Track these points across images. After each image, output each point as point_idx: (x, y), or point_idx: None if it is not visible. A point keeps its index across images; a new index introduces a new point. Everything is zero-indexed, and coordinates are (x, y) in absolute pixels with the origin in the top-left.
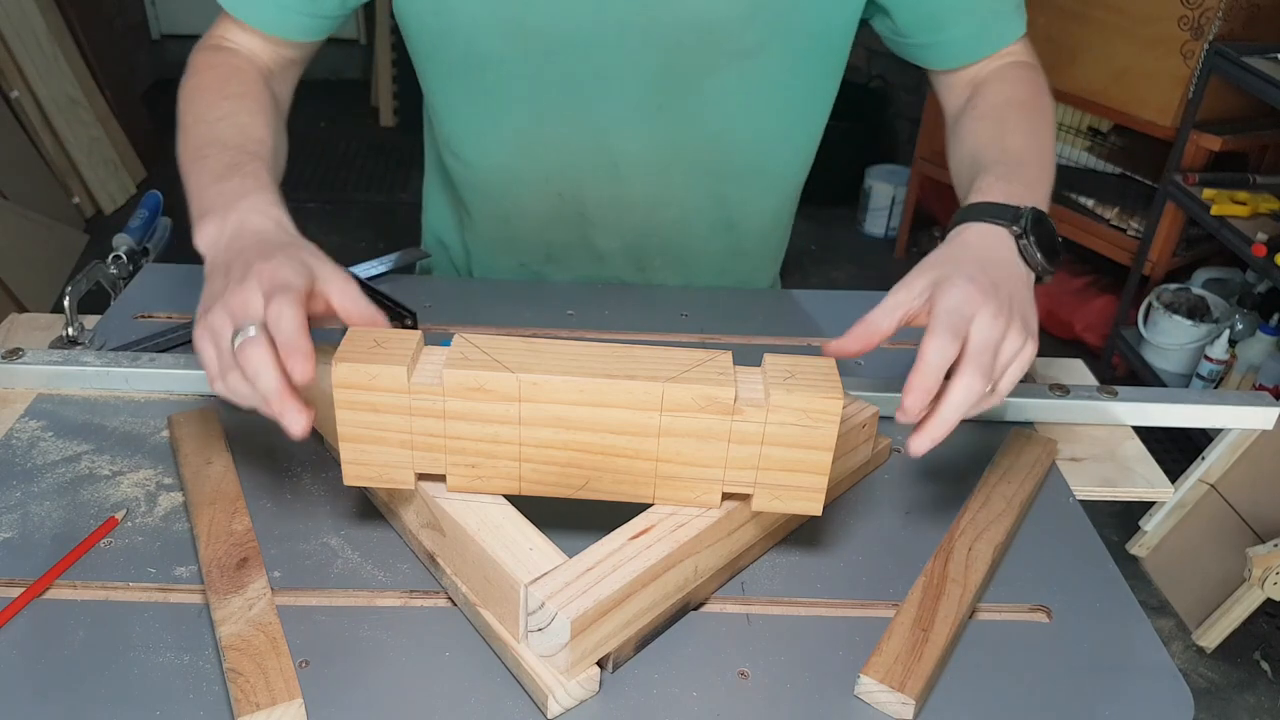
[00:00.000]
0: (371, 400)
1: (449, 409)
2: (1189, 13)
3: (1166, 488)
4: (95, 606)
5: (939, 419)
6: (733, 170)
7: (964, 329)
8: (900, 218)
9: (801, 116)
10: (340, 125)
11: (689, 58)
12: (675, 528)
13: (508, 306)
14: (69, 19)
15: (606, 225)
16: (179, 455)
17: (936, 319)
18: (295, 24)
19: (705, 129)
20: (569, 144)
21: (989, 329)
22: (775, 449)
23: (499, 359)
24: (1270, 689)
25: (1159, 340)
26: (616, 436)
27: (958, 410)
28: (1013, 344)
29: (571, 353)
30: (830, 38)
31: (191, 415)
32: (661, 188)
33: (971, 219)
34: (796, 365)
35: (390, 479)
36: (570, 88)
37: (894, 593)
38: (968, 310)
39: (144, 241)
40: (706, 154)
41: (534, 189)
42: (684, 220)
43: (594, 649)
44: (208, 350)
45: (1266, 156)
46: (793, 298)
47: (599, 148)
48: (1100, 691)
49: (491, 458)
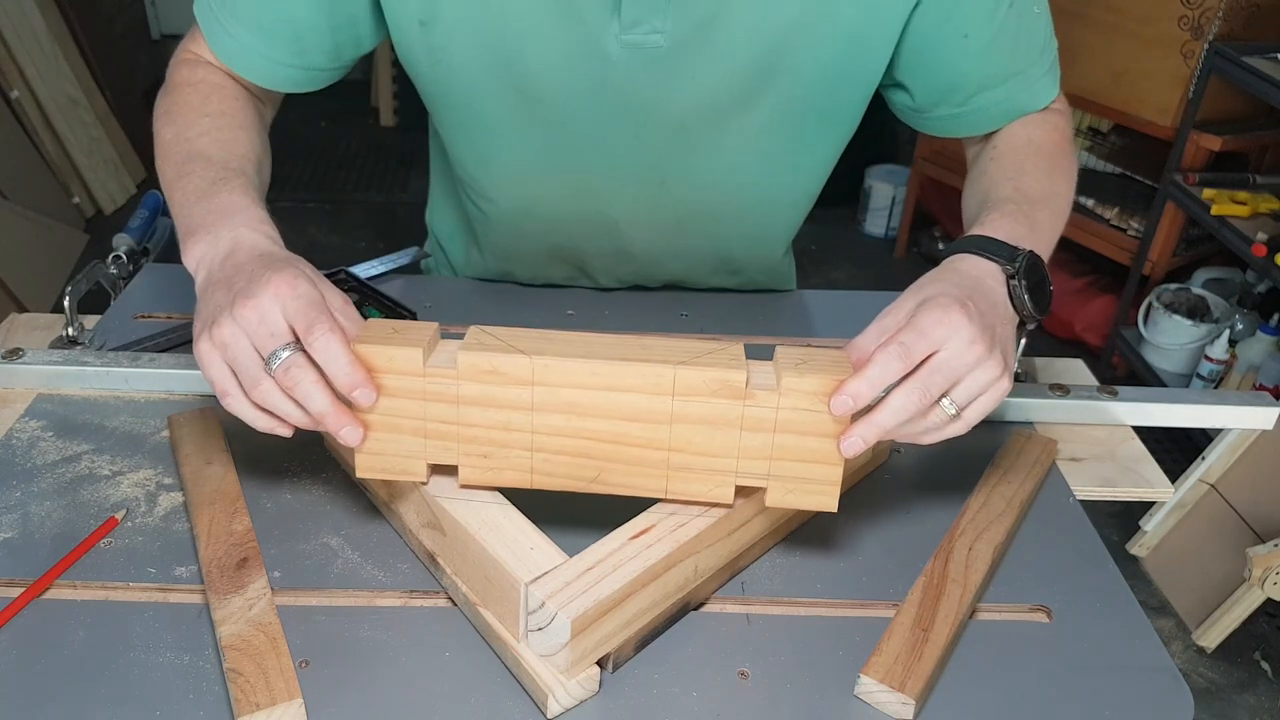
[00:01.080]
0: (388, 384)
1: (463, 394)
2: (1189, 13)
3: (1166, 488)
4: (95, 606)
5: (869, 422)
6: (736, 229)
7: (921, 353)
8: (900, 218)
9: (808, 174)
10: (340, 125)
11: (693, 136)
12: (676, 527)
13: (508, 306)
14: (69, 19)
15: (607, 269)
16: (179, 455)
17: (902, 333)
18: (284, 76)
19: (708, 195)
20: (569, 202)
21: (959, 354)
22: (788, 436)
23: (513, 344)
24: (1270, 689)
25: (1159, 340)
26: (629, 424)
27: (891, 417)
28: (987, 374)
29: (584, 340)
30: (841, 113)
31: (191, 415)
32: (663, 245)
33: (967, 249)
34: (809, 354)
35: (403, 470)
36: (570, 154)
37: (894, 593)
38: (939, 333)
39: (144, 241)
40: (709, 216)
41: (534, 237)
42: (686, 268)
43: (594, 649)
44: (217, 366)
45: (1266, 156)
46: (793, 298)
47: (599, 210)
48: (1100, 691)
49: (504, 447)
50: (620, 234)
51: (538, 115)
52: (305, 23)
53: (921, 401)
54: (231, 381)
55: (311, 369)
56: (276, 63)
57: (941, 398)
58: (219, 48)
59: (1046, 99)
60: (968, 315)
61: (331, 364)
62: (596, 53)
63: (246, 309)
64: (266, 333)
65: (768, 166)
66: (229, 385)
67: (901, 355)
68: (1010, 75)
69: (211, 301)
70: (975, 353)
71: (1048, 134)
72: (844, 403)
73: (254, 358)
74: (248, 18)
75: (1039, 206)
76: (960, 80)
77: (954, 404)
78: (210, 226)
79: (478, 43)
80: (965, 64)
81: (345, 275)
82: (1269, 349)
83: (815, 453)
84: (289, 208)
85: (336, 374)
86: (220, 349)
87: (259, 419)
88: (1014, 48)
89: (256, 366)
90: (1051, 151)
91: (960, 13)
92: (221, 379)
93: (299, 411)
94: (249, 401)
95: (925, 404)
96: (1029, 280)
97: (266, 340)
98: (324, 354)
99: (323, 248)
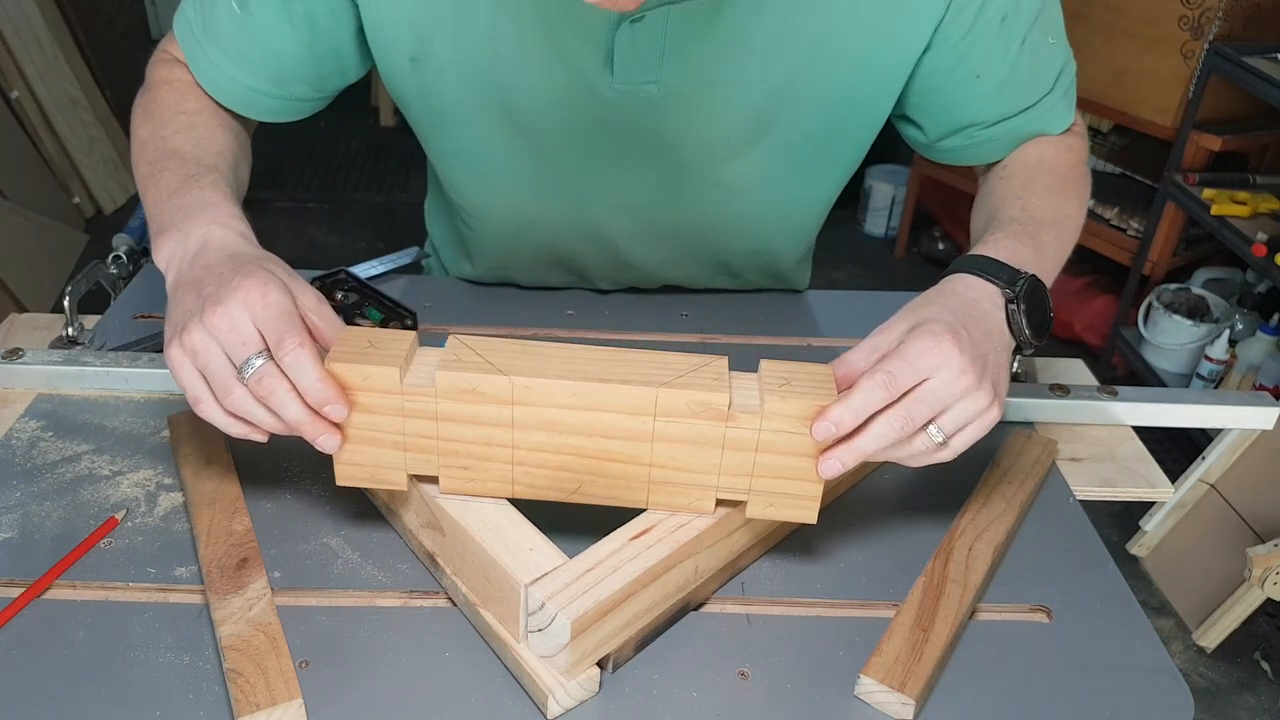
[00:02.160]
0: (364, 401)
1: (441, 411)
2: (1189, 13)
3: (1166, 488)
4: (95, 606)
5: (850, 447)
6: (740, 244)
7: (908, 383)
8: (900, 218)
9: (812, 203)
10: (340, 125)
11: (693, 172)
12: (675, 528)
13: (508, 307)
14: (69, 19)
15: (605, 276)
16: (179, 455)
17: (890, 361)
18: (266, 106)
19: (709, 220)
20: (565, 222)
21: (947, 385)
22: (770, 456)
23: (492, 361)
24: (1270, 689)
25: (1159, 340)
26: (609, 441)
27: (872, 443)
28: (976, 404)
29: (565, 356)
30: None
31: (191, 415)
32: (662, 257)
33: (966, 270)
34: (793, 372)
35: (383, 479)
36: (567, 185)
37: (894, 593)
38: (927, 363)
39: (144, 241)
40: (710, 236)
41: (529, 251)
42: (688, 275)
43: (594, 649)
44: (187, 372)
45: (1266, 156)
46: (793, 298)
47: (596, 231)
48: (1100, 691)
49: (484, 460)
50: (618, 250)
51: (533, 149)
52: (288, 54)
53: (904, 429)
54: (203, 388)
55: (284, 378)
56: (258, 93)
57: (929, 425)
58: (199, 72)
59: (1061, 125)
60: (958, 345)
61: (301, 380)
62: (592, 94)
63: (216, 316)
64: (237, 341)
65: (770, 198)
66: (201, 392)
67: (887, 384)
68: (1024, 108)
69: (181, 306)
70: (964, 383)
71: (1061, 154)
72: (826, 429)
73: (226, 365)
74: (230, 47)
75: (1045, 228)
76: (973, 119)
77: (941, 432)
78: (180, 223)
79: (470, 80)
80: (978, 104)
81: (345, 275)
82: (1269, 349)
83: (796, 470)
84: (289, 208)
85: (307, 390)
86: (190, 355)
87: (233, 425)
88: (1028, 83)
89: (229, 374)
90: (1063, 172)
91: (973, 55)
92: (193, 386)
93: (273, 419)
94: (222, 409)
95: (907, 432)
96: (1028, 304)
97: (238, 348)
98: (294, 370)
99: (323, 248)
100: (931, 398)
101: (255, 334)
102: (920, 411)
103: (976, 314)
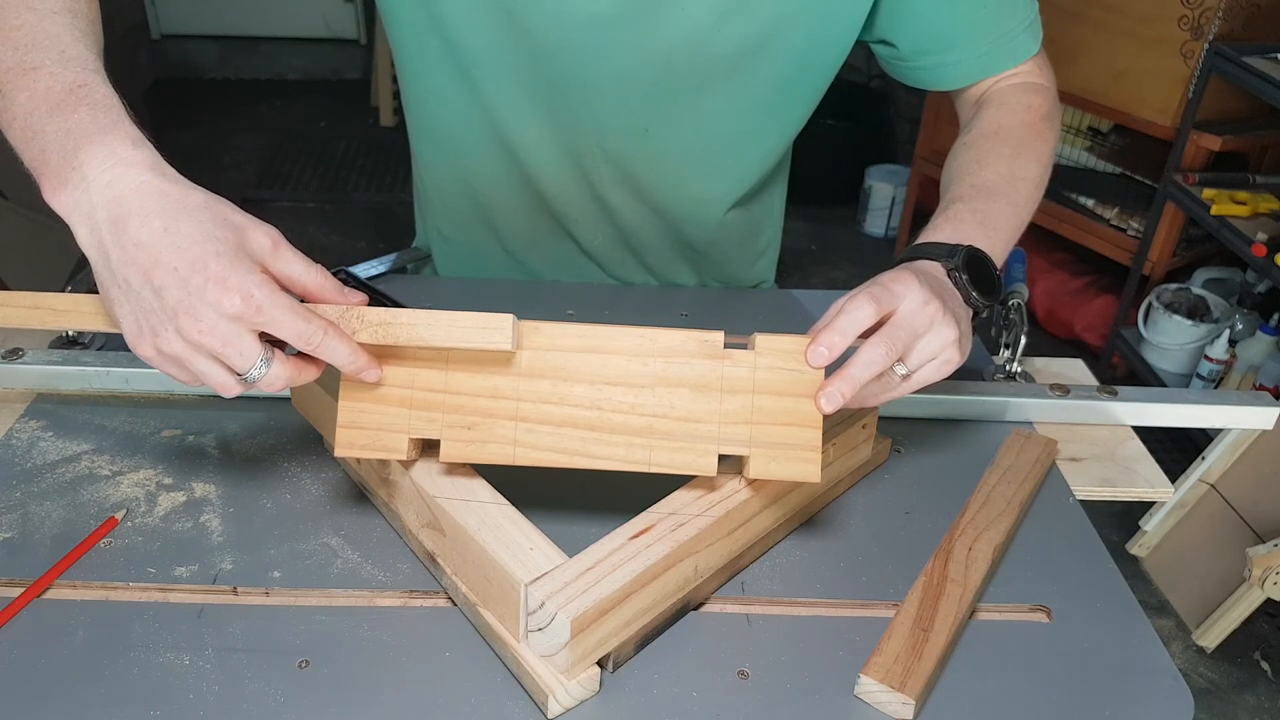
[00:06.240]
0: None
1: (452, 356)
2: (1189, 13)
3: (1166, 488)
4: (95, 606)
5: (844, 377)
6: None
7: (886, 304)
8: (900, 218)
9: (780, 123)
10: (340, 125)
11: (678, 78)
12: (675, 527)
13: (507, 306)
14: None
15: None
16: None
17: (865, 287)
18: None
19: (684, 141)
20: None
21: (915, 311)
22: (766, 398)
23: None
24: (1270, 689)
25: (1159, 340)
26: (613, 389)
27: (864, 370)
28: (938, 339)
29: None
30: (821, 55)
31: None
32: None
33: (910, 256)
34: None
35: (384, 446)
36: (555, 92)
37: (894, 593)
38: (897, 288)
39: None
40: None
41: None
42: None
43: (594, 649)
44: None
45: (1266, 156)
46: (792, 297)
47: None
48: (1100, 691)
49: (489, 416)
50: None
51: (525, 47)
52: None
53: (889, 355)
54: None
55: (290, 363)
56: None
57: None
58: None
59: (1027, 53)
60: (919, 279)
61: (336, 360)
62: None
63: (204, 336)
64: (235, 352)
65: (744, 109)
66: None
67: (869, 301)
68: (991, 26)
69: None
70: (930, 311)
71: (1020, 114)
72: (819, 353)
73: (223, 373)
74: None
75: (995, 199)
76: (942, 30)
77: (905, 366)
78: (74, 161)
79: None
80: (947, 15)
81: (345, 275)
82: (1269, 349)
83: (794, 414)
84: (289, 208)
85: (344, 366)
86: (174, 363)
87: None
88: (998, 4)
89: (229, 378)
90: (1020, 135)
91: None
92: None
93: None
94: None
95: (892, 359)
96: (969, 272)
97: (236, 360)
98: (330, 356)
99: (323, 248)
100: (905, 324)
101: (254, 344)
102: (900, 337)
103: (930, 276)
